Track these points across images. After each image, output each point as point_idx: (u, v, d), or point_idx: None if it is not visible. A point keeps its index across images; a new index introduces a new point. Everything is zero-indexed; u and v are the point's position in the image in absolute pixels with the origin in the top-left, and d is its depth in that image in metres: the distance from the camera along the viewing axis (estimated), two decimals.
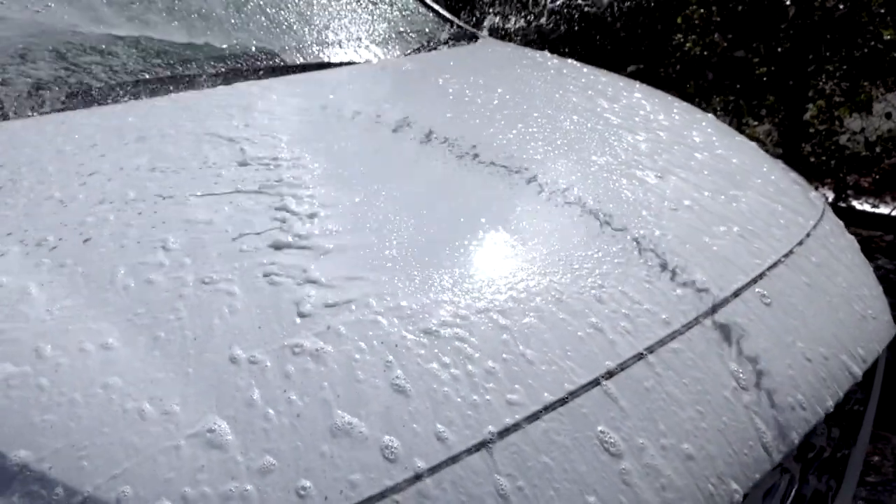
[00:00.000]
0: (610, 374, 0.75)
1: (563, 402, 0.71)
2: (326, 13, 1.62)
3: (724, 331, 0.87)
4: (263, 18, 1.54)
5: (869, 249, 3.32)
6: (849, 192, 3.62)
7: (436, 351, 0.72)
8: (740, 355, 0.85)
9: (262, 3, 1.57)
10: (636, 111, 1.44)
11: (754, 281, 0.97)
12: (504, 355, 0.73)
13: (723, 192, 1.16)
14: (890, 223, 3.48)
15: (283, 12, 1.57)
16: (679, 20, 3.94)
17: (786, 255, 1.05)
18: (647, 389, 0.76)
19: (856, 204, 3.62)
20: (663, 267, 0.93)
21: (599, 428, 0.71)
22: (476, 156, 1.12)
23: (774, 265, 1.01)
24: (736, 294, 0.93)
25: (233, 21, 1.50)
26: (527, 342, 0.75)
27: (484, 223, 0.94)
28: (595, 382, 0.74)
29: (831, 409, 0.87)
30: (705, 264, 0.96)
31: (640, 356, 0.78)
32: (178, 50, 1.35)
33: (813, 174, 3.77)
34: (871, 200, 3.61)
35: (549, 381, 0.72)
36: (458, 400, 0.68)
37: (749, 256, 1.01)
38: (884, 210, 3.53)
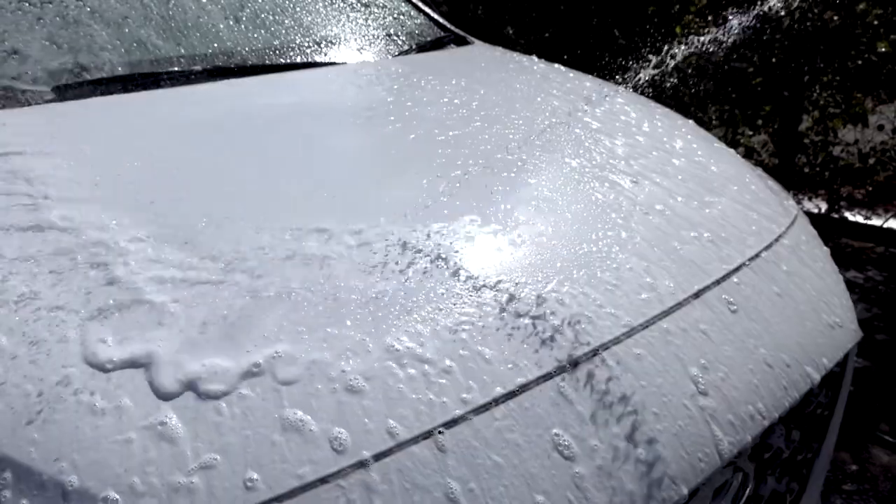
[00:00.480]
0: (561, 371, 0.77)
1: (512, 395, 0.73)
2: (314, 14, 1.64)
3: (685, 334, 0.89)
4: (256, 19, 1.57)
5: (860, 260, 3.33)
6: (842, 203, 3.63)
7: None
8: (699, 359, 0.87)
9: (258, 5, 1.60)
10: (617, 116, 1.46)
11: (717, 283, 0.98)
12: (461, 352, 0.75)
13: (696, 197, 1.17)
14: (882, 235, 3.49)
15: (274, 14, 1.60)
16: (678, 30, 3.96)
17: (752, 259, 1.06)
18: (602, 391, 0.78)
19: (848, 215, 3.63)
20: (630, 270, 0.94)
21: (553, 431, 0.72)
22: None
23: (738, 269, 1.02)
24: (697, 296, 0.94)
25: (230, 22, 1.52)
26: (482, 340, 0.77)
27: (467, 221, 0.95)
28: (547, 377, 0.76)
29: (785, 414, 0.88)
30: (671, 267, 0.98)
31: (594, 353, 0.80)
32: (168, 49, 1.37)
33: (807, 185, 3.78)
34: (863, 212, 3.62)
35: (502, 376, 0.74)
36: (413, 396, 0.70)
37: (716, 261, 1.03)
38: (876, 221, 3.54)
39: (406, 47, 1.69)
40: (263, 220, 0.89)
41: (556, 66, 1.78)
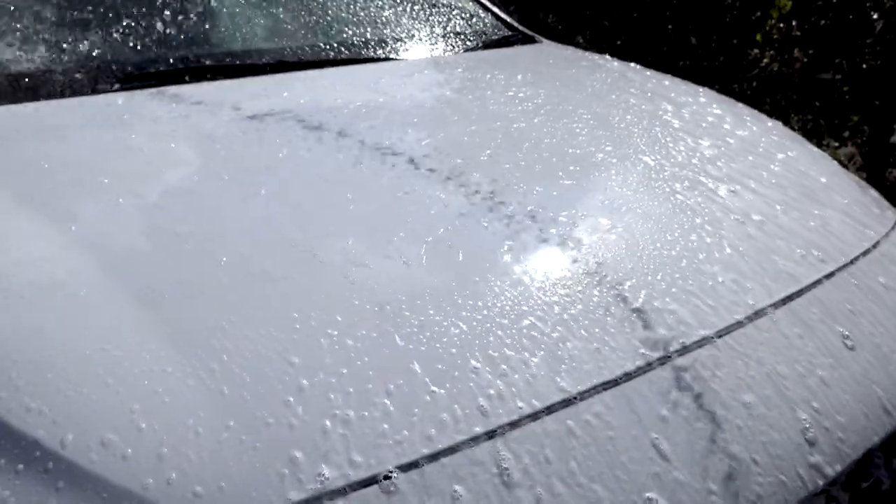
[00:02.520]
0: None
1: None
2: (380, 9, 1.62)
3: (771, 340, 0.81)
4: (327, 16, 1.56)
5: None
6: None
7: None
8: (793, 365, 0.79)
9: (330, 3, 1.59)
10: (703, 116, 1.37)
11: (810, 288, 0.90)
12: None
13: (791, 203, 1.08)
14: None
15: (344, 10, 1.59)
16: (758, 37, 3.80)
17: (848, 265, 0.96)
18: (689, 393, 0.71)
19: None
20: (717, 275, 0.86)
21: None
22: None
23: (832, 275, 0.93)
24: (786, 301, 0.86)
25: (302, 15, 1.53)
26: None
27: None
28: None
29: (886, 437, 0.79)
30: (762, 273, 0.89)
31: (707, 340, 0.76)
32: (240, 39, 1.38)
33: None
34: None
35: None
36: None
37: (810, 267, 0.94)
38: None
39: (473, 45, 1.65)
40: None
41: (632, 64, 1.70)
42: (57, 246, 0.75)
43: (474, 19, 1.78)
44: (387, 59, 1.46)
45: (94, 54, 1.19)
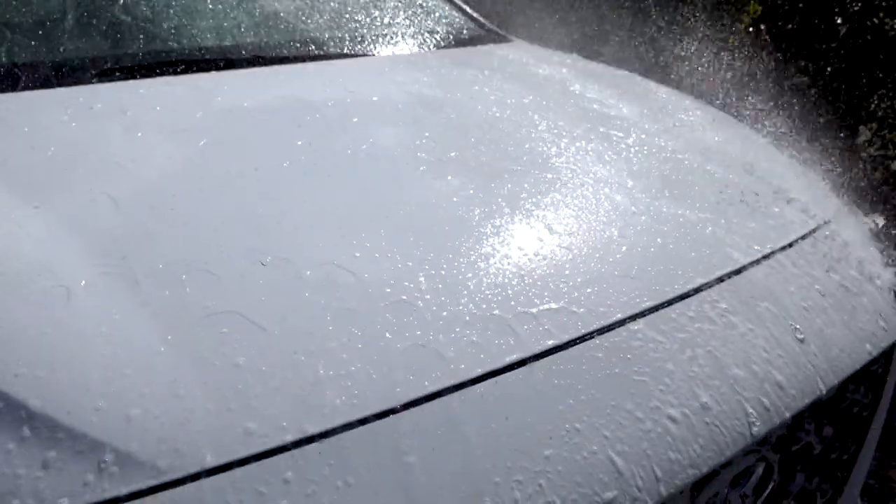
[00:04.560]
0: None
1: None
2: (353, 7, 1.67)
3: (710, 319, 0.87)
4: (294, 13, 1.61)
5: None
6: None
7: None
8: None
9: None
10: (664, 109, 1.43)
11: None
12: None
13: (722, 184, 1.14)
14: None
15: (315, 8, 1.64)
16: (731, 41, 3.89)
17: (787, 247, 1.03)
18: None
19: None
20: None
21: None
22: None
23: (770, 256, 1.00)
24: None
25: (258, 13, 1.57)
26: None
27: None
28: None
29: (809, 404, 0.85)
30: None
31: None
32: (211, 35, 1.41)
33: (865, 199, 3.63)
34: None
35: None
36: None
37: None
38: None
39: (445, 43, 1.70)
40: None
41: (597, 64, 1.77)
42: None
43: (446, 18, 1.84)
44: (356, 55, 1.50)
45: (70, 47, 1.23)
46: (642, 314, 0.81)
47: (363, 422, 0.63)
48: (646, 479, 0.68)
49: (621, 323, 0.79)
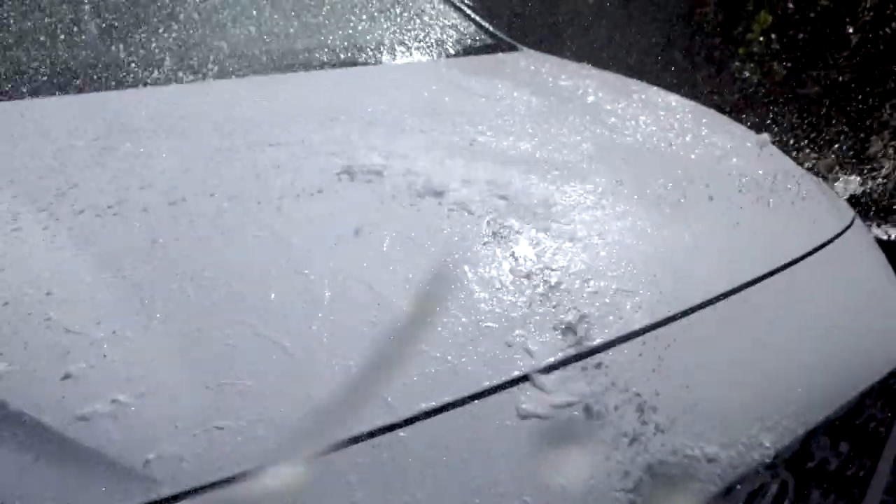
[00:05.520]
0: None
1: None
2: (365, 18, 1.67)
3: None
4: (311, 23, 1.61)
5: None
6: None
7: None
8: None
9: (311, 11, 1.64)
10: (674, 121, 1.42)
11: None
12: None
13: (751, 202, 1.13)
14: None
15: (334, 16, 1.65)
16: (741, 50, 3.87)
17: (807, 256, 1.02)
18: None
19: None
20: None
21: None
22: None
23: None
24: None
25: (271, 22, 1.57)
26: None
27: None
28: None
29: (825, 420, 0.83)
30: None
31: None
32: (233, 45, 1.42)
33: (877, 210, 3.60)
34: None
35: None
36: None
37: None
38: None
39: (455, 52, 1.70)
40: None
41: (609, 73, 1.76)
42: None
43: (457, 28, 1.83)
44: (368, 63, 1.50)
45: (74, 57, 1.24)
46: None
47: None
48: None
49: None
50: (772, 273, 0.95)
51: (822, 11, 3.21)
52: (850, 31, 3.04)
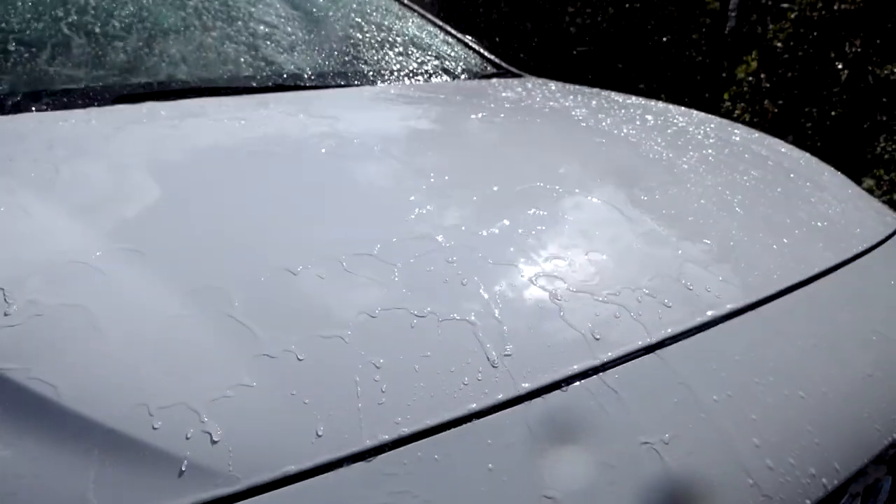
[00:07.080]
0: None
1: None
2: (370, 48, 1.66)
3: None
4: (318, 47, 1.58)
5: None
6: None
7: None
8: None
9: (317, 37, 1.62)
10: (696, 132, 1.39)
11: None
12: None
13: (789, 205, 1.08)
14: None
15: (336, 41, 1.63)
16: (732, 90, 3.94)
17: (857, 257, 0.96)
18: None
19: None
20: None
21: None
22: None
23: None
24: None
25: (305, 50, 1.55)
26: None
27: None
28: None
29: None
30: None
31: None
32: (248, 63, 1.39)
33: None
34: None
35: None
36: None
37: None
38: None
39: (469, 77, 1.68)
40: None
41: (611, 93, 1.74)
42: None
43: (462, 59, 1.83)
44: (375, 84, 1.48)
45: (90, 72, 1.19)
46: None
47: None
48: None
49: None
50: (840, 265, 0.91)
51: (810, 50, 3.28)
52: (840, 66, 3.10)
